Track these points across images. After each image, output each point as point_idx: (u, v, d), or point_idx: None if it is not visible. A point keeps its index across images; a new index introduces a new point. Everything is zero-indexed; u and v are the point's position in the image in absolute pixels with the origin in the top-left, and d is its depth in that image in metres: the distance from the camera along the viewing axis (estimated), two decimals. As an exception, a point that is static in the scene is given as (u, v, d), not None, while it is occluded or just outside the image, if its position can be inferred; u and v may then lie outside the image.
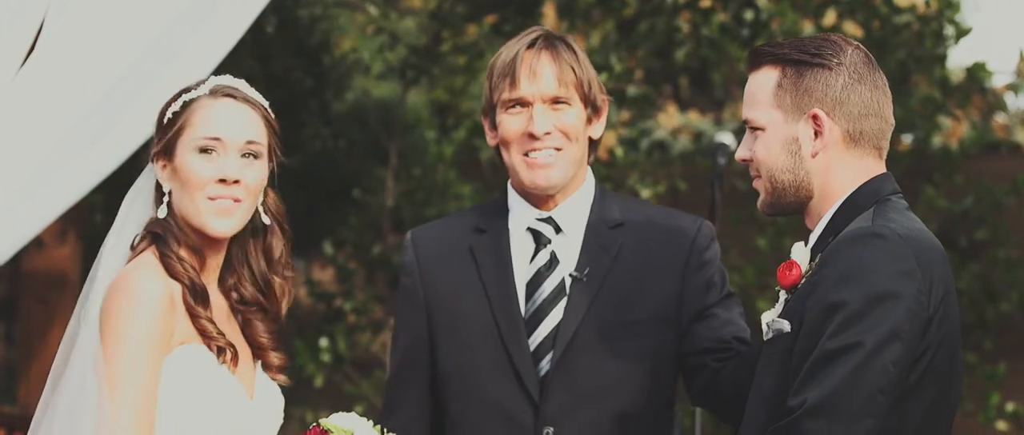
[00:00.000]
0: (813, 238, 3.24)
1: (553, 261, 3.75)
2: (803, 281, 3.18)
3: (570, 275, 3.72)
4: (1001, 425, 7.86)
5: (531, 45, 3.75)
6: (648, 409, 3.73)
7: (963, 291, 7.77)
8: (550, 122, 3.71)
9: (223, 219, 3.26)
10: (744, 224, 7.85)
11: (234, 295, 3.38)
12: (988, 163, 8.63)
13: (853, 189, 3.20)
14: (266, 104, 3.36)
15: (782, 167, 3.22)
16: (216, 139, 3.25)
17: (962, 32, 8.03)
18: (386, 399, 3.94)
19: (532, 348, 3.70)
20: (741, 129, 8.94)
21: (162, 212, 3.28)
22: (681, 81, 11.23)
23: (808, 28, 8.02)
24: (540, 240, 3.77)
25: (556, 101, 3.73)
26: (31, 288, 7.78)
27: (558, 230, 3.78)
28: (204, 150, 3.25)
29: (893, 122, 3.27)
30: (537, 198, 3.78)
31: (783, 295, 3.25)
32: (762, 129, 3.24)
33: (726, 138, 5.64)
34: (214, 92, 3.30)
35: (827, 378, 2.96)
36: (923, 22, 7.98)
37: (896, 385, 2.99)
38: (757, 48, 3.30)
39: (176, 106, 3.30)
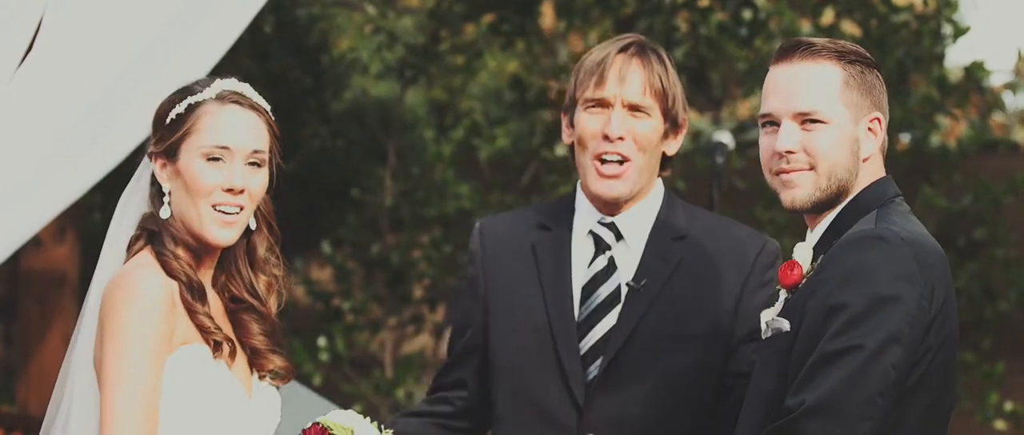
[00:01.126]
0: (815, 238, 3.23)
1: (611, 267, 3.73)
2: (804, 281, 3.18)
3: (627, 284, 3.70)
4: (999, 424, 7.86)
5: (624, 49, 3.73)
6: (692, 424, 3.71)
7: (961, 290, 7.77)
8: (626, 127, 3.69)
9: (225, 229, 3.25)
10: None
11: (226, 295, 3.37)
12: (986, 162, 8.63)
13: (857, 191, 3.21)
14: (268, 108, 3.36)
15: (844, 165, 3.19)
16: (225, 148, 3.24)
17: (960, 31, 8.04)
18: (438, 378, 3.94)
19: (582, 352, 3.68)
20: (739, 128, 8.94)
21: (165, 213, 3.27)
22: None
23: (806, 27, 8.02)
24: (600, 245, 3.75)
25: (636, 108, 3.70)
26: (29, 287, 7.78)
27: (619, 237, 3.75)
28: (212, 158, 3.24)
29: None
30: (603, 203, 3.77)
31: (783, 294, 3.24)
32: (825, 122, 3.18)
33: (725, 137, 5.65)
34: (221, 97, 3.28)
35: (826, 379, 2.96)
36: (921, 21, 7.99)
37: (895, 388, 2.99)
38: (808, 40, 3.24)
39: (181, 108, 3.27)
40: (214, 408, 3.20)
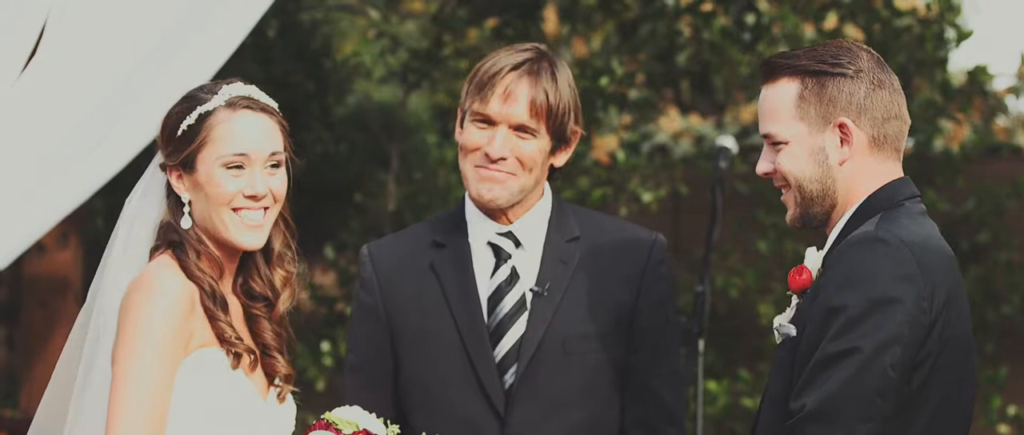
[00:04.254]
0: (828, 243, 3.24)
1: (513, 276, 3.76)
2: (812, 286, 3.19)
3: (531, 290, 3.73)
4: (1003, 429, 7.85)
5: (517, 66, 3.70)
6: (615, 419, 3.76)
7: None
8: (508, 148, 3.69)
9: (253, 233, 3.27)
10: (745, 227, 7.84)
11: (244, 293, 3.38)
12: (989, 166, 8.63)
13: (870, 193, 3.20)
14: (277, 107, 3.37)
15: (810, 177, 3.21)
16: (243, 155, 3.24)
17: (963, 35, 8.03)
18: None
19: (496, 361, 3.71)
20: (742, 133, 8.94)
21: (186, 223, 3.27)
22: (682, 85, 11.23)
23: (809, 32, 8.02)
24: (500, 255, 3.77)
25: (521, 129, 3.70)
26: (32, 292, 7.78)
27: (518, 244, 3.78)
28: (232, 166, 3.23)
29: (909, 120, 3.27)
30: (492, 212, 3.78)
31: (794, 300, 3.25)
32: (785, 142, 3.21)
33: (727, 142, 5.65)
34: (232, 103, 3.27)
35: (826, 382, 2.98)
36: (924, 25, 7.98)
37: (896, 389, 3.00)
38: (771, 60, 3.27)
39: (191, 119, 3.26)
40: (229, 414, 3.20)
